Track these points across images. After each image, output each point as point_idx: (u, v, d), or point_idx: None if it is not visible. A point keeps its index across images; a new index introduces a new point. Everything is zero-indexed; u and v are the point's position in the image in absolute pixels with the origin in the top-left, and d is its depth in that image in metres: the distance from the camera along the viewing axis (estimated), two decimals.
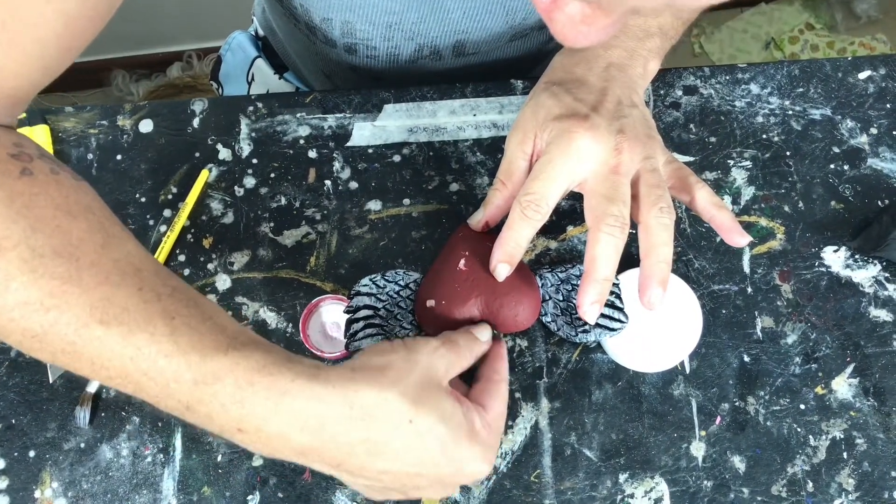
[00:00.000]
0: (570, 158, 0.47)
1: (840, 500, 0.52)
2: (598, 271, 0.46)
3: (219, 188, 0.62)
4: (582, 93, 0.49)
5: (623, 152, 0.47)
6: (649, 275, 0.46)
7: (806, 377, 0.55)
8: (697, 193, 0.49)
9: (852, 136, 0.61)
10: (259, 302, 0.58)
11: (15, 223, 0.38)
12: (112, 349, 0.38)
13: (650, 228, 0.46)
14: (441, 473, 0.41)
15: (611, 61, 0.51)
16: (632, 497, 0.52)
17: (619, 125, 0.48)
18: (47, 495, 0.54)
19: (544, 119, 0.49)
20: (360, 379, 0.39)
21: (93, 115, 0.64)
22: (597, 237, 0.46)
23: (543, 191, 0.47)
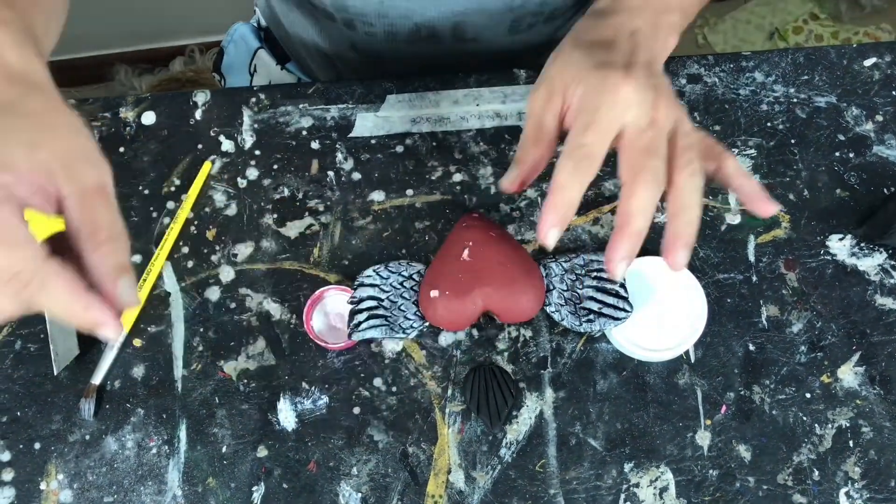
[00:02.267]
0: (616, 107, 0.45)
1: (846, 489, 0.52)
2: (634, 224, 0.44)
3: (222, 180, 0.61)
4: (613, 51, 0.47)
5: (660, 109, 0.46)
6: (677, 235, 0.44)
7: (812, 366, 0.55)
8: (725, 162, 0.47)
9: (857, 123, 0.61)
10: (263, 293, 0.58)
11: None
12: None
13: (681, 189, 0.45)
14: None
15: (636, 27, 0.49)
16: (637, 486, 0.52)
17: (655, 83, 0.46)
18: (53, 487, 0.54)
19: (575, 74, 0.47)
20: None
21: (95, 107, 0.64)
22: (634, 190, 0.44)
23: (596, 140, 0.45)
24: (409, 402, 0.55)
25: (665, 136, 0.46)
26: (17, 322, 0.58)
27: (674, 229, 0.45)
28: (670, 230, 0.45)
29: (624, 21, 0.49)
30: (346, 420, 0.55)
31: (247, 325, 0.57)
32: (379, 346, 0.56)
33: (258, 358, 0.56)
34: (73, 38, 1.62)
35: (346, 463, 0.54)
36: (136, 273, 0.59)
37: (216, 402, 0.55)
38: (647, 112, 0.45)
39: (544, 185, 0.59)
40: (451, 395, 0.55)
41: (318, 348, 0.56)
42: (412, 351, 0.56)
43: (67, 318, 0.37)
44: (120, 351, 0.57)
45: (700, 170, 0.45)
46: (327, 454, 0.54)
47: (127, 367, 0.57)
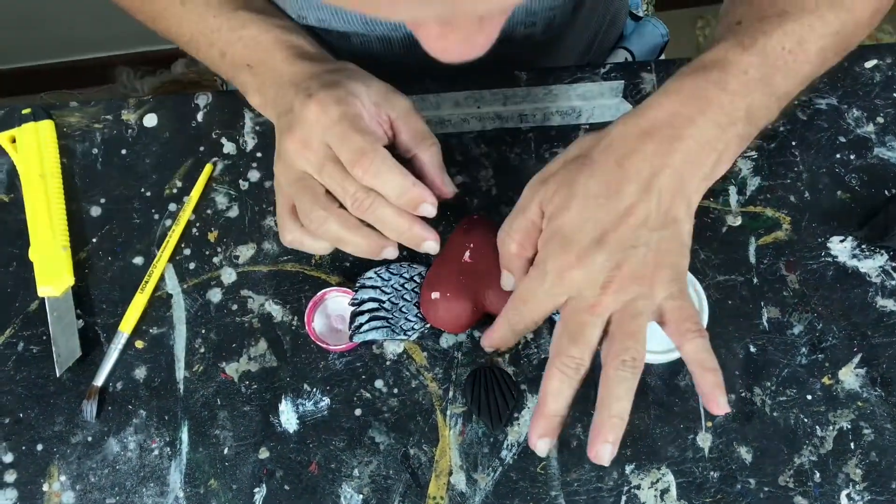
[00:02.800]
0: (558, 289, 0.45)
1: (847, 491, 0.52)
2: (546, 407, 0.45)
3: (223, 182, 0.62)
4: (604, 209, 0.44)
5: (609, 292, 0.44)
6: (598, 429, 0.44)
7: (813, 367, 0.55)
8: (686, 345, 0.45)
9: (858, 125, 0.61)
10: (264, 295, 0.58)
11: None
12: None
13: (608, 380, 0.44)
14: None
15: (665, 166, 0.44)
16: (638, 488, 0.52)
17: (622, 258, 0.44)
18: (55, 489, 0.54)
19: (562, 209, 0.46)
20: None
21: (97, 109, 0.64)
22: (551, 372, 0.45)
23: (530, 317, 0.48)
24: (411, 403, 0.55)
25: (600, 321, 0.45)
26: (20, 324, 0.58)
27: (596, 422, 0.44)
28: (593, 422, 0.44)
29: (660, 151, 0.44)
30: (348, 422, 0.55)
31: (248, 326, 0.57)
32: (380, 348, 0.56)
33: (260, 359, 0.57)
34: (75, 40, 1.63)
35: (347, 464, 0.54)
36: (138, 275, 0.59)
37: (218, 403, 0.56)
38: (586, 296, 0.45)
39: None
40: (452, 396, 0.55)
41: (319, 350, 0.56)
42: (413, 353, 0.56)
43: (395, 233, 0.49)
44: (122, 353, 0.57)
45: (636, 360, 0.44)
46: (329, 456, 0.54)
47: (129, 369, 0.57)
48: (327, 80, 0.51)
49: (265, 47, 0.55)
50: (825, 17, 0.47)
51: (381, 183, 0.48)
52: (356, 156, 0.48)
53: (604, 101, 0.62)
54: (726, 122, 0.45)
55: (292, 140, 0.50)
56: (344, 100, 0.49)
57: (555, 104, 0.61)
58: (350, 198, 0.49)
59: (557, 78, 0.63)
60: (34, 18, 1.54)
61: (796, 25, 0.47)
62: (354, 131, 0.48)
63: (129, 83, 1.61)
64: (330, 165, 0.49)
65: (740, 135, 0.46)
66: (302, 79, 0.52)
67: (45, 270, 0.58)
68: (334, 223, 0.49)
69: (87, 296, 0.59)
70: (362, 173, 0.48)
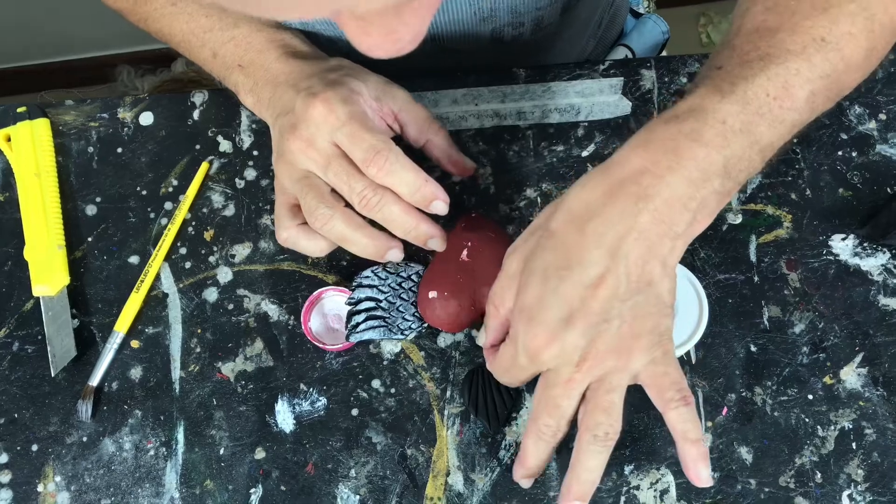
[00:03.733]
0: (533, 366, 0.45)
1: (849, 491, 0.51)
2: (527, 461, 0.48)
3: (220, 180, 0.61)
4: (567, 283, 0.42)
5: (582, 370, 0.43)
6: (568, 488, 0.45)
7: (814, 367, 0.54)
8: (669, 413, 0.44)
9: (860, 122, 0.60)
10: (261, 294, 0.58)
11: None
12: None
13: (580, 449, 0.45)
14: None
15: (631, 229, 0.41)
16: (637, 489, 0.52)
17: (594, 334, 0.42)
18: (50, 489, 0.54)
19: (524, 286, 0.44)
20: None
21: (93, 108, 0.64)
22: (528, 432, 0.47)
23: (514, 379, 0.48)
24: (408, 403, 0.54)
25: (576, 394, 0.44)
26: (15, 323, 0.58)
27: (567, 481, 0.46)
28: (565, 479, 0.46)
29: (626, 212, 0.41)
30: (345, 422, 0.54)
31: (245, 326, 0.57)
32: (377, 348, 0.56)
33: (256, 359, 0.56)
34: (74, 39, 1.63)
35: (344, 465, 0.53)
36: (133, 274, 0.59)
37: (214, 403, 0.55)
38: (561, 372, 0.44)
39: (543, 185, 0.59)
40: (449, 396, 0.54)
41: (316, 349, 0.56)
42: (411, 352, 0.56)
43: (402, 230, 0.50)
44: (117, 352, 0.57)
45: (607, 436, 0.44)
46: (325, 456, 0.54)
47: (124, 369, 0.56)
48: (328, 78, 0.51)
49: (257, 47, 0.54)
50: (812, 60, 0.43)
51: (396, 180, 0.48)
52: (370, 154, 0.47)
53: (603, 99, 0.61)
54: (700, 177, 0.41)
55: (296, 139, 0.49)
56: (349, 98, 0.49)
57: (553, 101, 0.61)
58: (357, 196, 0.48)
59: (556, 75, 0.62)
60: (34, 17, 1.54)
61: (780, 69, 0.42)
62: (365, 130, 0.48)
63: (129, 82, 1.61)
64: (336, 164, 0.49)
65: (718, 191, 0.42)
66: (299, 78, 0.52)
67: (40, 269, 0.58)
68: (340, 221, 0.49)
69: (82, 295, 0.59)
70: (376, 171, 0.48)
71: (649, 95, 0.61)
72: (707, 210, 0.42)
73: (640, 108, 0.61)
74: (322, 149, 0.49)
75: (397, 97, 0.53)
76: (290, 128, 0.50)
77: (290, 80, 0.52)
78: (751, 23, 0.45)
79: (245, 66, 0.54)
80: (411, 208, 0.49)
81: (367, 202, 0.48)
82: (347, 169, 0.49)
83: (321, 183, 0.50)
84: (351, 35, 0.32)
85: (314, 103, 0.49)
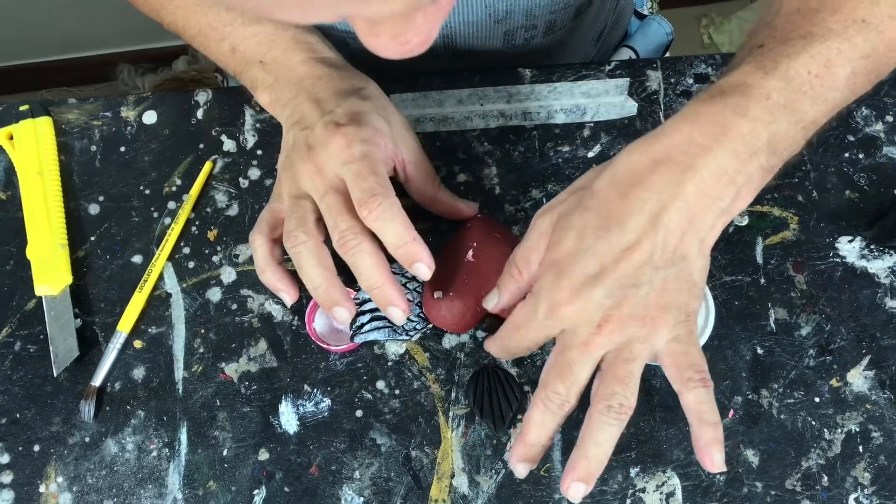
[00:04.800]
0: (550, 322, 0.44)
1: (856, 495, 0.51)
2: (529, 436, 0.45)
3: (223, 180, 0.61)
4: (603, 242, 0.42)
5: (603, 332, 0.42)
6: (572, 466, 0.43)
7: (820, 369, 0.54)
8: (687, 394, 0.43)
9: (867, 124, 0.60)
10: (264, 294, 0.57)
11: None
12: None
13: (591, 421, 0.43)
14: None
15: (675, 198, 0.41)
16: (643, 491, 0.52)
17: (620, 297, 0.42)
18: (52, 490, 0.54)
19: (558, 241, 0.44)
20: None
21: (96, 106, 0.64)
22: (535, 403, 0.44)
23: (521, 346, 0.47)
24: (413, 405, 0.54)
25: (591, 360, 0.43)
26: (17, 323, 0.58)
27: (572, 458, 0.43)
28: (571, 457, 0.44)
29: (672, 181, 0.41)
30: (349, 423, 0.54)
31: (248, 326, 0.57)
32: (382, 349, 0.56)
33: (260, 360, 0.56)
34: (75, 38, 1.62)
35: (348, 466, 0.53)
36: (136, 274, 0.58)
37: (217, 404, 0.55)
38: (580, 333, 0.43)
39: (549, 186, 0.59)
40: (454, 398, 0.54)
41: (320, 350, 0.56)
42: (415, 353, 0.55)
43: (367, 284, 0.48)
44: (120, 352, 0.56)
45: (622, 407, 0.42)
46: (329, 457, 0.53)
47: (127, 369, 0.56)
48: (356, 109, 0.50)
49: (282, 45, 0.54)
50: (853, 40, 0.43)
51: (384, 228, 0.47)
52: (366, 196, 0.47)
53: (609, 99, 0.61)
54: (746, 151, 0.41)
55: (309, 162, 0.49)
56: (369, 140, 0.49)
57: (559, 102, 0.61)
58: (338, 233, 0.48)
59: (562, 75, 0.62)
60: (34, 15, 1.53)
61: (822, 48, 0.43)
62: (370, 172, 0.47)
63: (130, 80, 1.61)
64: (332, 196, 0.48)
65: (763, 167, 0.42)
66: (324, 90, 0.52)
67: (43, 269, 0.57)
68: (307, 250, 0.49)
69: (85, 295, 0.58)
70: (367, 213, 0.47)
71: (655, 96, 0.61)
72: (752, 185, 0.42)
73: (646, 108, 0.61)
74: (327, 178, 0.49)
75: (411, 148, 0.53)
76: (307, 148, 0.50)
77: (314, 89, 0.52)
78: (791, 4, 0.45)
79: (267, 63, 0.54)
80: (384, 268, 0.48)
81: (345, 243, 0.48)
82: (340, 205, 0.48)
83: (312, 209, 0.50)
84: (360, 34, 0.32)
85: (335, 135, 0.49)
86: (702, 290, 0.44)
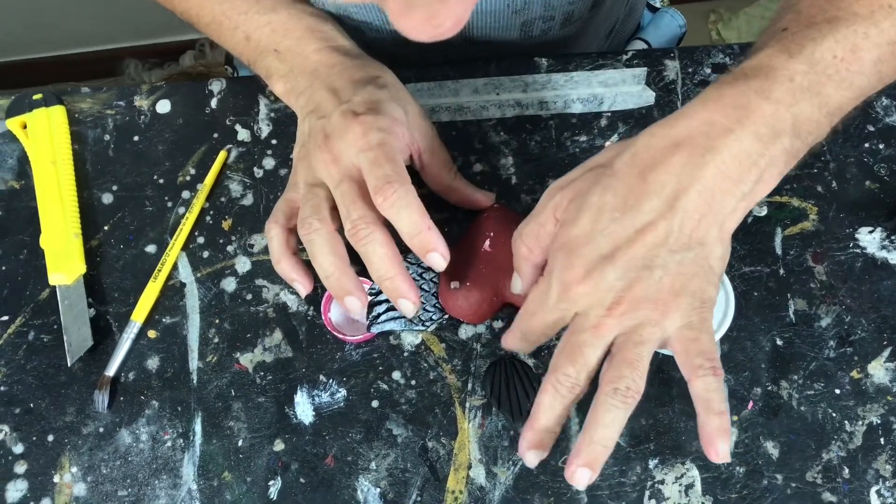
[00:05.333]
0: (563, 303, 0.43)
1: (877, 487, 0.50)
2: (539, 421, 0.44)
3: (238, 169, 0.60)
4: (618, 224, 0.41)
5: (614, 314, 0.42)
6: (577, 451, 0.42)
7: (841, 361, 0.53)
8: (696, 381, 0.42)
9: (887, 114, 0.59)
10: (279, 284, 0.57)
11: None
12: None
13: (597, 405, 0.42)
14: None
15: (694, 181, 0.41)
16: (662, 483, 0.51)
17: (634, 278, 0.41)
18: (66, 480, 0.53)
19: (573, 220, 0.43)
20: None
21: (109, 95, 0.63)
22: (545, 387, 0.44)
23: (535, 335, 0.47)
24: (429, 395, 0.54)
25: (602, 343, 0.42)
26: (31, 313, 0.57)
27: (578, 443, 0.43)
28: (577, 441, 0.43)
29: (696, 163, 0.41)
30: (365, 414, 0.54)
31: (263, 316, 0.56)
32: (398, 339, 0.55)
33: (275, 350, 0.55)
34: (82, 33, 1.62)
35: (364, 457, 0.53)
36: (150, 263, 0.58)
37: (232, 394, 0.55)
38: (590, 315, 0.42)
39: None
40: (471, 388, 0.54)
41: (335, 340, 0.55)
42: (431, 344, 0.55)
43: (377, 274, 0.48)
44: (134, 342, 0.56)
45: (629, 391, 0.41)
46: (345, 448, 0.53)
47: (141, 359, 0.56)
48: (373, 98, 0.50)
49: (296, 34, 0.54)
50: (881, 25, 0.42)
51: (398, 216, 0.46)
52: (381, 183, 0.46)
53: (626, 89, 0.60)
54: (769, 134, 0.41)
55: (326, 151, 0.49)
56: (387, 129, 0.49)
57: (576, 91, 0.60)
58: (351, 222, 0.47)
59: (578, 65, 0.61)
60: (42, 10, 1.53)
61: (848, 32, 0.42)
62: (386, 160, 0.47)
63: (137, 75, 1.61)
64: (346, 184, 0.48)
65: (787, 150, 0.41)
66: (339, 79, 0.51)
67: (57, 258, 0.57)
68: (320, 237, 0.48)
69: (98, 284, 0.58)
70: (382, 200, 0.46)
71: (673, 86, 0.60)
72: (776, 170, 0.42)
73: (663, 98, 0.60)
74: (343, 166, 0.48)
75: (427, 136, 0.53)
76: (323, 137, 0.49)
77: (330, 78, 0.52)
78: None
79: (282, 51, 0.54)
80: (396, 259, 0.47)
81: (357, 232, 0.47)
82: (354, 194, 0.48)
83: (327, 197, 0.50)
84: (392, 13, 0.31)
85: (353, 124, 0.48)
86: (719, 277, 0.43)
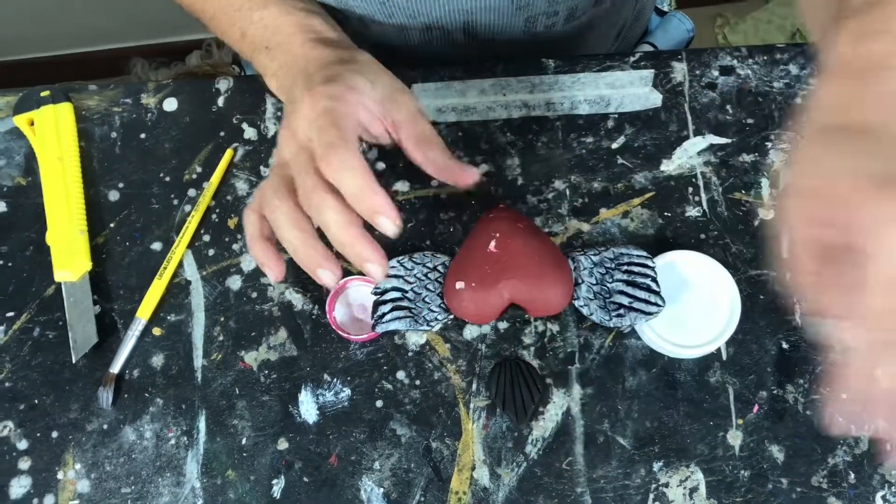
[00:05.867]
0: None
1: (883, 493, 0.50)
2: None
3: (244, 168, 0.60)
4: (878, 156, 0.34)
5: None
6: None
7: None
8: None
9: None
10: (285, 283, 0.57)
11: None
12: None
13: None
14: None
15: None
16: (666, 486, 0.51)
17: None
18: (70, 476, 0.53)
19: (835, 190, 0.34)
20: None
21: (116, 93, 0.63)
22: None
23: None
24: (433, 396, 0.54)
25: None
26: (36, 309, 0.57)
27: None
28: None
29: (890, 78, 0.35)
30: (369, 413, 0.53)
31: (268, 315, 0.56)
32: (402, 339, 0.55)
33: (279, 349, 0.55)
34: (89, 32, 1.62)
35: (367, 457, 0.53)
36: (156, 261, 0.58)
37: (236, 392, 0.54)
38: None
39: (572, 177, 0.58)
40: (475, 389, 0.54)
41: (340, 340, 0.55)
42: (436, 344, 0.55)
43: (338, 243, 0.45)
44: (139, 339, 0.56)
45: None
46: (349, 448, 0.53)
47: (146, 356, 0.56)
48: (331, 72, 0.49)
49: (285, 31, 0.54)
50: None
51: (341, 179, 0.44)
52: (324, 149, 0.45)
53: (633, 91, 0.60)
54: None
55: (285, 128, 0.49)
56: (339, 96, 0.47)
57: (583, 92, 0.60)
58: (302, 193, 0.46)
59: (586, 66, 0.61)
60: (48, 8, 1.53)
61: None
62: (331, 125, 0.45)
63: (144, 75, 1.61)
64: (300, 156, 0.47)
65: None
66: (315, 68, 0.51)
67: (62, 255, 0.57)
68: (282, 215, 0.47)
69: (104, 281, 0.58)
70: (325, 166, 0.45)
71: (680, 88, 0.60)
72: None
73: (670, 100, 0.60)
74: (299, 141, 0.47)
75: (402, 107, 0.50)
76: (285, 116, 0.49)
77: (307, 69, 0.51)
78: None
79: (272, 48, 0.54)
80: (354, 224, 0.45)
81: (309, 201, 0.45)
82: (305, 165, 0.46)
83: (289, 175, 0.48)
84: None
85: (305, 97, 0.47)
86: None
